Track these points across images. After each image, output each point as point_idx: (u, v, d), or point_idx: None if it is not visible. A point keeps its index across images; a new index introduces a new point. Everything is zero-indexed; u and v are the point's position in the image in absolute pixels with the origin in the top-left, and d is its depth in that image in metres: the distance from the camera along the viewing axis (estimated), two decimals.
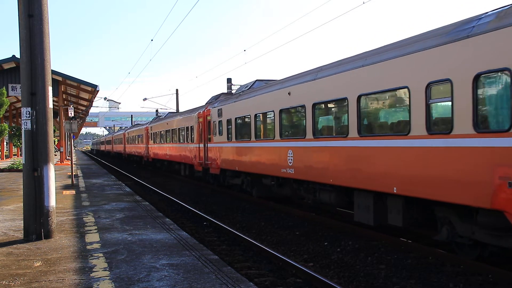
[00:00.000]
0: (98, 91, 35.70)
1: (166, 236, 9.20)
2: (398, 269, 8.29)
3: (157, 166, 36.92)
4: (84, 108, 51.40)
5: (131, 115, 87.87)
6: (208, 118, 21.05)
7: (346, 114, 10.66)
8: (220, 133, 19.19)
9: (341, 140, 10.89)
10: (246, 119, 16.75)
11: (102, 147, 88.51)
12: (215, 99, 21.97)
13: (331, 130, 11.77)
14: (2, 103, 28.28)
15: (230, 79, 40.56)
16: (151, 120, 43.53)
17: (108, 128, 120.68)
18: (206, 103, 23.22)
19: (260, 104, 15.42)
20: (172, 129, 29.25)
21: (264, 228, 12.33)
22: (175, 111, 45.16)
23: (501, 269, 7.79)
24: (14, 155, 60.65)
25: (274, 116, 14.29)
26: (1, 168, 31.27)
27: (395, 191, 9.04)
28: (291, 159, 13.13)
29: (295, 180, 13.70)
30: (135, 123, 73.25)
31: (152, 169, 37.99)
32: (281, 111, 13.87)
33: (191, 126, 24.26)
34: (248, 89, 17.61)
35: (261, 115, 15.52)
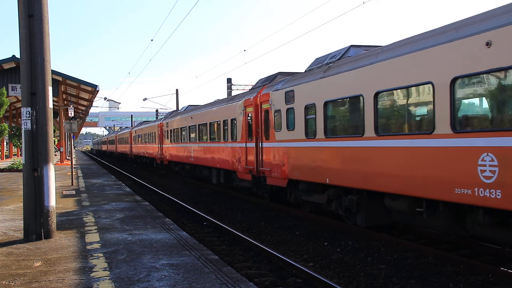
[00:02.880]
0: (98, 91, 35.71)
1: (166, 236, 9.20)
2: (398, 269, 8.29)
3: (175, 171, 30.42)
4: (84, 108, 51.41)
5: (131, 115, 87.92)
6: (265, 106, 15.17)
7: None
8: (290, 127, 13.42)
9: None
10: (352, 103, 10.78)
11: (104, 147, 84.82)
12: (270, 80, 16.42)
13: None
14: (2, 103, 28.27)
15: (230, 79, 40.74)
16: (165, 115, 36.32)
17: (108, 128, 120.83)
18: (255, 87, 17.74)
19: (392, 74, 9.30)
20: (199, 124, 22.99)
21: (264, 228, 12.33)
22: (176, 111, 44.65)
23: (501, 269, 7.79)
24: (14, 155, 60.66)
25: (433, 92, 8.25)
26: (1, 168, 31.27)
27: None
28: (493, 172, 7.19)
29: (493, 211, 7.69)
30: (136, 122, 72.92)
31: (166, 173, 32.89)
32: (455, 81, 7.82)
33: (232, 119, 18.20)
34: (338, 59, 11.88)
35: (395, 92, 9.48)
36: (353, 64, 10.69)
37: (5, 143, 52.40)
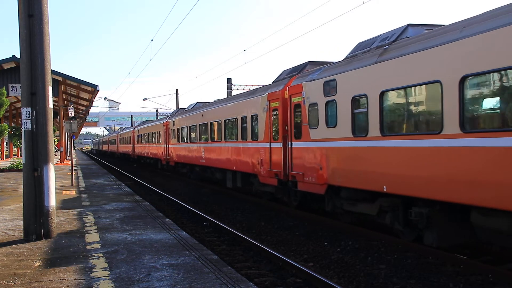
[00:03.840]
0: (98, 91, 35.72)
1: (166, 236, 9.20)
2: (398, 269, 8.29)
3: (182, 173, 28.37)
4: (84, 108, 51.42)
5: (131, 115, 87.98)
6: (296, 99, 13.18)
7: None
8: (330, 123, 11.45)
9: None
10: (424, 91, 8.69)
11: (105, 147, 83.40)
12: (299, 70, 14.40)
13: None
14: (2, 103, 28.28)
15: (230, 79, 40.76)
16: (171, 113, 34.24)
17: (108, 128, 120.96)
18: (279, 79, 15.57)
19: (493, 51, 7.17)
20: (212, 122, 20.98)
21: (264, 228, 12.34)
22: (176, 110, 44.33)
23: (501, 269, 7.80)
24: (14, 155, 60.68)
25: None
26: (1, 168, 31.28)
27: None
28: None
29: None
30: (136, 122, 72.82)
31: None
32: None
33: (252, 116, 16.30)
34: (394, 41, 9.98)
35: (495, 76, 7.33)
36: (426, 43, 8.54)
37: (5, 143, 52.42)
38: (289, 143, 13.58)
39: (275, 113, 14.56)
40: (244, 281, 6.26)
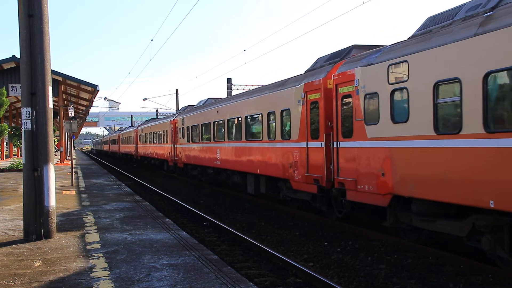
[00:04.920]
0: (98, 91, 35.72)
1: (166, 236, 9.20)
2: (398, 269, 8.29)
3: (192, 175, 25.96)
4: (84, 108, 51.42)
5: (131, 115, 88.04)
6: (344, 89, 11.00)
7: None
8: (398, 118, 9.21)
9: None
10: None
11: (106, 147, 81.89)
12: (342, 56, 12.34)
13: None
14: (2, 103, 28.29)
15: (230, 79, 40.79)
16: (178, 111, 31.80)
17: (108, 128, 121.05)
18: (315, 67, 13.39)
19: None
20: (229, 120, 18.83)
21: (264, 228, 12.34)
22: (176, 111, 44.31)
23: (501, 269, 7.79)
24: (14, 155, 60.69)
25: None
26: (1, 168, 31.28)
27: None
28: None
29: None
30: (136, 122, 72.74)
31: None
32: None
33: (282, 111, 14.11)
34: (495, 7, 7.75)
35: None
36: None
37: (5, 143, 52.43)
38: (335, 142, 11.37)
39: (314, 106, 12.42)
40: (244, 281, 6.26)
